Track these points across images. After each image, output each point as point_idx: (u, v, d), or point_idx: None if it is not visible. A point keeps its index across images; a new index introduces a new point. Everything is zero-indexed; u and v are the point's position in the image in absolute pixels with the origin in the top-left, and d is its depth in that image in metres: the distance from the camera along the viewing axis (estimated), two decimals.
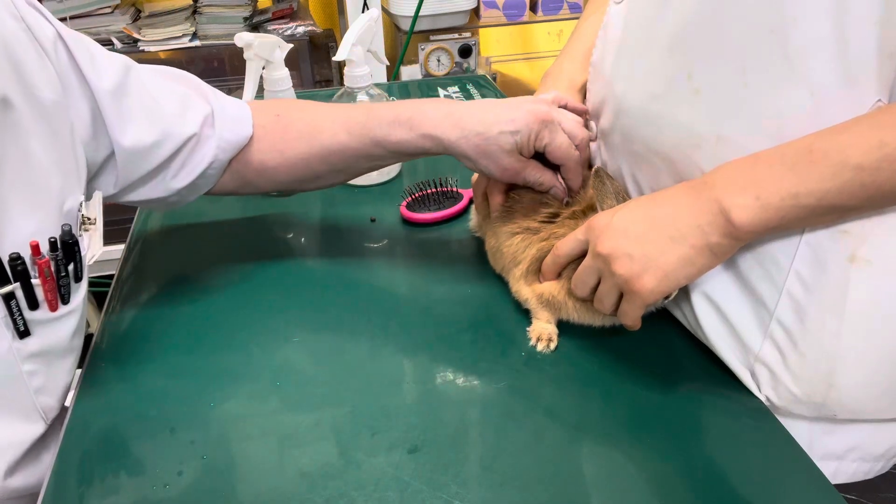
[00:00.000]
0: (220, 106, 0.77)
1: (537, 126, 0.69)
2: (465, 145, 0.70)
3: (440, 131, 0.71)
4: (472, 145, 0.70)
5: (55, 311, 0.61)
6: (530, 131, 0.69)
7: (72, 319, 0.64)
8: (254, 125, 0.78)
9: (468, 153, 0.70)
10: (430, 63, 2.53)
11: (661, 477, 0.56)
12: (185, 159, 0.74)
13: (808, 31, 0.52)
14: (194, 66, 2.41)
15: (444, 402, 0.64)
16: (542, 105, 0.71)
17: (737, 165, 0.56)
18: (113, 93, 0.67)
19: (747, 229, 0.54)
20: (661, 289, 0.59)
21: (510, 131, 0.69)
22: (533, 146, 0.70)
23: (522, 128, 0.69)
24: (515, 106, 0.70)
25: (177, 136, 0.72)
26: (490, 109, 0.71)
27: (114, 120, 0.67)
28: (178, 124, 0.72)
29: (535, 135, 0.69)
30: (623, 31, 0.68)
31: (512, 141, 0.69)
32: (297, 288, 0.81)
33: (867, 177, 0.50)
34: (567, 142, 0.70)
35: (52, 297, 0.61)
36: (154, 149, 0.71)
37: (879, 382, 0.59)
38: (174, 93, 0.74)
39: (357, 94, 0.98)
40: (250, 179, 0.80)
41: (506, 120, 0.69)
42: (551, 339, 0.70)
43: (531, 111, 0.69)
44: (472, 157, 0.71)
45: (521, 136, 0.69)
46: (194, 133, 0.73)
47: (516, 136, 0.69)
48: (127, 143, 0.68)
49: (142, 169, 0.72)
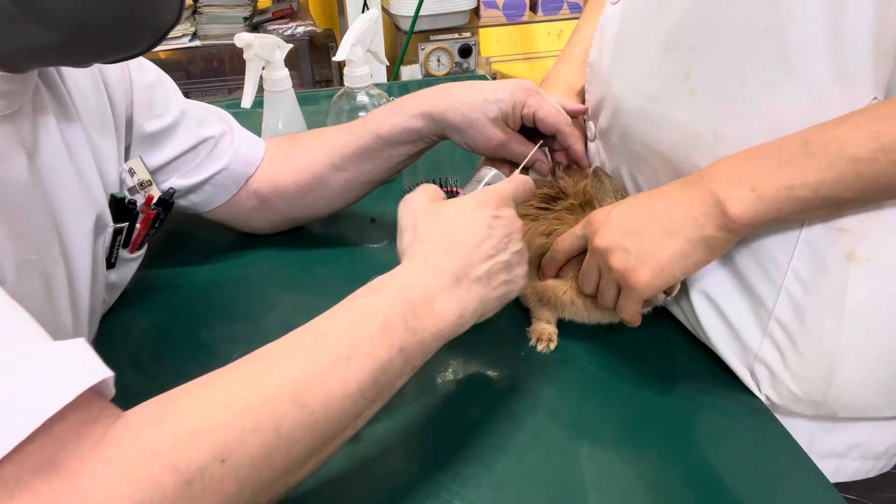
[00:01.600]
0: (239, 128, 0.84)
1: (522, 94, 0.72)
2: (452, 116, 0.73)
3: (429, 106, 0.74)
4: (459, 115, 0.73)
5: (133, 253, 0.75)
6: (514, 100, 0.72)
7: (135, 264, 0.76)
8: (268, 146, 0.85)
9: (455, 123, 0.73)
10: (430, 63, 2.53)
11: (660, 476, 0.56)
12: (202, 160, 0.79)
13: (804, 29, 0.52)
14: (194, 66, 2.42)
15: (444, 401, 0.64)
16: (528, 80, 0.74)
17: (733, 159, 0.56)
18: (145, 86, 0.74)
19: (743, 221, 0.54)
20: (657, 282, 0.59)
21: (494, 100, 0.72)
22: (520, 115, 0.73)
23: (507, 97, 0.72)
24: (500, 81, 0.74)
25: (194, 132, 0.78)
26: (477, 83, 0.75)
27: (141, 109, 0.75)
28: (197, 125, 0.79)
29: (521, 103, 0.72)
30: (619, 31, 0.68)
31: (497, 109, 0.72)
32: (297, 288, 0.81)
33: (863, 168, 0.50)
34: (555, 108, 0.73)
35: (137, 242, 0.74)
36: (171, 131, 0.77)
37: (879, 380, 0.59)
38: (199, 106, 0.81)
39: (357, 94, 0.99)
40: (266, 197, 0.83)
41: (491, 90, 0.73)
42: (551, 340, 0.70)
43: (516, 83, 0.73)
44: (459, 128, 0.73)
45: (505, 104, 0.72)
46: (212, 136, 0.80)
47: (501, 104, 0.72)
48: (150, 129, 0.75)
49: (157, 158, 0.77)
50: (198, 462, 0.40)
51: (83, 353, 0.40)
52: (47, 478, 0.36)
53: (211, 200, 0.82)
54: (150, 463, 0.39)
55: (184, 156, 0.78)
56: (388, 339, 0.50)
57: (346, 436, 0.49)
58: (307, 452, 0.45)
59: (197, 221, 0.86)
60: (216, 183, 0.81)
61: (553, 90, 0.81)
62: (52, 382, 0.38)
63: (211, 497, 0.40)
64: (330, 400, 0.46)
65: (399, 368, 0.51)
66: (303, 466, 0.46)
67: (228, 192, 0.82)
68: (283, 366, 0.46)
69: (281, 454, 0.43)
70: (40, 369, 0.38)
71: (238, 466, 0.41)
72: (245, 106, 0.97)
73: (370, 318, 0.50)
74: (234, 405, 0.43)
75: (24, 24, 0.48)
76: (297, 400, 0.44)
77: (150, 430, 0.40)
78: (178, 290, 0.81)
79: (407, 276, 0.54)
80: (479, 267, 0.56)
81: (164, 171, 0.78)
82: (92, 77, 0.68)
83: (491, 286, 0.56)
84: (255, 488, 0.42)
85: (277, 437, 0.43)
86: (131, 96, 0.73)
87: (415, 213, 0.59)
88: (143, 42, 0.56)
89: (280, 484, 0.45)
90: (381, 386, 0.49)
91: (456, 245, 0.56)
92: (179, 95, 0.79)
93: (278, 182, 0.82)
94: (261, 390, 0.44)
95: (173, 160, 0.78)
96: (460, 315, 0.54)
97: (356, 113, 0.99)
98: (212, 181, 0.80)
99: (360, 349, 0.48)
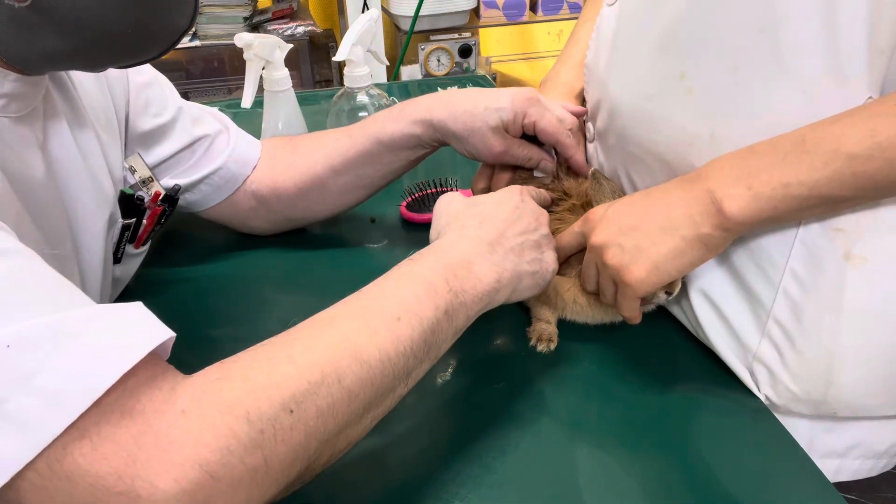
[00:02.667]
0: (235, 129, 0.84)
1: (523, 104, 0.72)
2: (454, 124, 0.73)
3: (430, 114, 0.74)
4: (461, 123, 0.73)
5: (138, 248, 0.76)
6: (515, 108, 0.72)
7: (139, 259, 0.78)
8: (269, 147, 0.85)
9: (457, 132, 0.73)
10: (430, 63, 2.53)
11: (660, 476, 0.56)
12: (197, 159, 0.79)
13: (799, 29, 0.52)
14: (194, 66, 2.42)
15: (444, 401, 0.64)
16: (528, 89, 0.74)
17: (730, 158, 0.56)
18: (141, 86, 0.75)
19: (739, 220, 0.54)
20: (652, 280, 0.59)
21: (495, 108, 0.72)
22: (520, 125, 0.73)
23: (507, 105, 0.72)
24: (501, 90, 0.74)
25: (189, 130, 0.78)
26: (477, 91, 0.75)
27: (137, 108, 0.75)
28: (192, 124, 0.79)
29: (522, 113, 0.72)
30: (615, 32, 0.68)
31: (497, 117, 0.72)
32: (296, 288, 0.81)
33: (859, 166, 0.50)
34: (555, 118, 0.73)
35: (142, 237, 0.75)
36: (168, 129, 0.77)
37: (878, 379, 0.59)
38: (195, 106, 0.82)
39: (357, 94, 0.99)
40: (265, 197, 0.83)
41: (492, 98, 0.73)
42: (551, 340, 0.70)
43: (517, 91, 0.73)
44: (460, 136, 0.74)
45: (506, 113, 0.72)
46: (207, 134, 0.80)
47: (501, 113, 0.72)
48: (146, 127, 0.75)
49: (153, 156, 0.77)
50: (268, 412, 0.42)
51: (147, 315, 0.43)
52: (127, 428, 0.39)
53: (206, 200, 0.82)
54: (224, 413, 0.41)
55: (179, 154, 0.78)
56: (433, 301, 0.53)
57: (399, 394, 0.52)
58: (366, 406, 0.48)
59: (196, 221, 0.86)
60: (211, 183, 0.81)
61: (552, 92, 0.81)
62: (123, 340, 0.41)
63: (282, 446, 0.42)
64: (385, 356, 0.49)
65: (445, 329, 0.54)
66: (361, 421, 0.49)
67: (224, 193, 0.82)
68: (339, 326, 0.49)
69: (344, 406, 0.46)
70: (112, 328, 0.41)
71: (306, 417, 0.44)
72: (245, 106, 0.97)
73: (414, 282, 0.54)
74: (299, 360, 0.45)
75: (40, 31, 0.50)
76: (355, 356, 0.47)
77: (219, 385, 0.43)
78: (177, 289, 0.81)
79: (445, 245, 0.59)
80: (512, 239, 0.61)
81: (159, 169, 0.78)
82: (96, 76, 0.69)
83: (524, 259, 0.60)
84: (321, 438, 0.45)
85: (340, 389, 0.46)
86: (128, 95, 0.74)
87: (450, 202, 0.64)
88: (157, 47, 0.57)
89: (342, 437, 0.47)
90: (429, 345, 0.52)
91: (489, 219, 0.61)
92: (175, 94, 0.79)
93: (277, 184, 0.82)
94: (322, 348, 0.47)
95: (169, 158, 0.78)
96: (497, 279, 0.58)
97: (356, 113, 0.99)
98: (207, 181, 0.80)
99: (408, 310, 0.51)
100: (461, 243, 0.59)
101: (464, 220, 0.61)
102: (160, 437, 0.39)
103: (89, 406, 0.38)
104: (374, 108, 0.99)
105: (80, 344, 0.39)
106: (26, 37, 0.50)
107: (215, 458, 0.39)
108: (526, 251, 0.61)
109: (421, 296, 0.53)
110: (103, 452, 0.38)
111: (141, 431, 0.39)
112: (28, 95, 0.56)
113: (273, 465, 0.42)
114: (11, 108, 0.54)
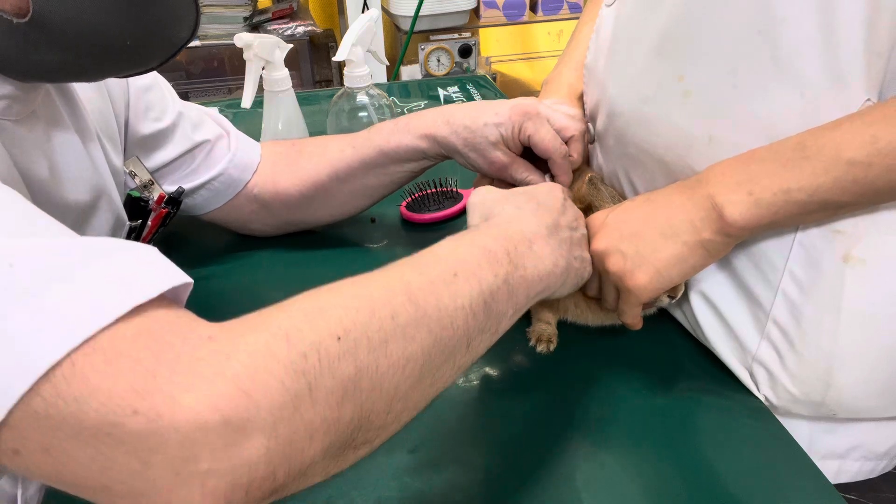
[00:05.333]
0: (236, 133, 0.84)
1: (520, 118, 0.71)
2: (455, 140, 0.73)
3: (434, 129, 0.74)
4: (461, 139, 0.73)
5: None
6: (513, 123, 0.72)
7: None
8: (271, 151, 0.84)
9: (458, 147, 0.74)
10: (430, 63, 2.53)
11: (660, 477, 0.56)
12: (198, 164, 0.80)
13: (797, 31, 0.52)
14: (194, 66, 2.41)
15: (444, 402, 0.64)
16: (529, 100, 0.73)
17: (731, 163, 0.56)
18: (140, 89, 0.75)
19: (740, 225, 0.54)
20: (654, 285, 0.59)
21: (494, 123, 0.72)
22: (518, 139, 0.72)
23: (506, 120, 0.72)
24: (503, 102, 0.74)
25: (189, 136, 0.78)
26: (478, 106, 0.75)
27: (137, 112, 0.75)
28: (193, 129, 0.79)
29: (519, 127, 0.71)
30: (613, 33, 0.68)
31: (497, 133, 0.72)
32: (297, 289, 0.80)
33: (859, 172, 0.50)
34: (552, 134, 0.72)
35: (146, 239, 0.76)
36: (168, 134, 0.77)
37: (878, 380, 0.59)
38: (195, 108, 0.81)
39: (357, 94, 0.99)
40: (267, 202, 0.83)
41: (491, 113, 0.73)
42: (551, 340, 0.70)
43: (516, 105, 0.72)
44: (461, 152, 0.74)
45: (504, 128, 0.72)
46: (208, 139, 0.80)
47: (500, 128, 0.72)
48: (146, 132, 0.75)
49: (154, 161, 0.77)
50: (311, 336, 0.37)
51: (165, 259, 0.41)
52: (146, 345, 0.35)
53: (207, 204, 0.82)
54: (259, 331, 0.37)
55: (179, 159, 0.78)
56: (493, 268, 0.49)
57: (460, 364, 0.46)
58: (424, 357, 0.42)
59: (196, 223, 0.86)
60: (212, 188, 0.81)
61: (555, 94, 0.81)
62: (144, 272, 0.38)
63: (328, 376, 0.37)
64: (442, 306, 0.44)
65: (505, 300, 0.49)
66: (421, 381, 0.43)
67: (225, 197, 0.82)
68: (391, 273, 0.45)
69: (398, 347, 0.40)
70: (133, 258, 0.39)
71: (356, 348, 0.38)
72: (245, 106, 0.97)
73: (473, 246, 0.50)
74: (346, 292, 0.41)
75: (40, 46, 0.49)
76: (410, 297, 0.43)
77: (252, 315, 0.39)
78: None
79: (504, 219, 0.56)
80: (564, 230, 0.59)
81: (159, 174, 0.78)
82: (96, 82, 0.68)
83: (572, 254, 0.58)
84: (374, 379, 0.39)
85: (394, 326, 0.41)
86: (128, 98, 0.74)
87: (488, 192, 0.61)
88: (158, 58, 0.57)
89: (399, 395, 0.41)
90: (489, 312, 0.47)
91: (545, 205, 0.59)
92: (175, 97, 0.79)
93: (280, 189, 0.82)
94: (372, 287, 0.43)
95: (169, 163, 0.78)
96: (554, 263, 0.55)
97: (356, 113, 0.99)
98: (208, 185, 0.80)
99: (466, 269, 0.47)
100: (522, 222, 0.55)
101: (518, 201, 0.59)
102: (184, 355, 0.34)
103: (104, 326, 0.34)
104: (373, 108, 0.99)
105: (97, 269, 0.36)
106: (25, 51, 0.49)
107: (248, 372, 0.34)
108: (573, 246, 0.59)
109: (480, 260, 0.48)
110: (119, 367, 0.33)
111: (162, 349, 0.34)
112: (26, 99, 0.56)
113: (319, 399, 0.36)
114: (13, 110, 0.54)
